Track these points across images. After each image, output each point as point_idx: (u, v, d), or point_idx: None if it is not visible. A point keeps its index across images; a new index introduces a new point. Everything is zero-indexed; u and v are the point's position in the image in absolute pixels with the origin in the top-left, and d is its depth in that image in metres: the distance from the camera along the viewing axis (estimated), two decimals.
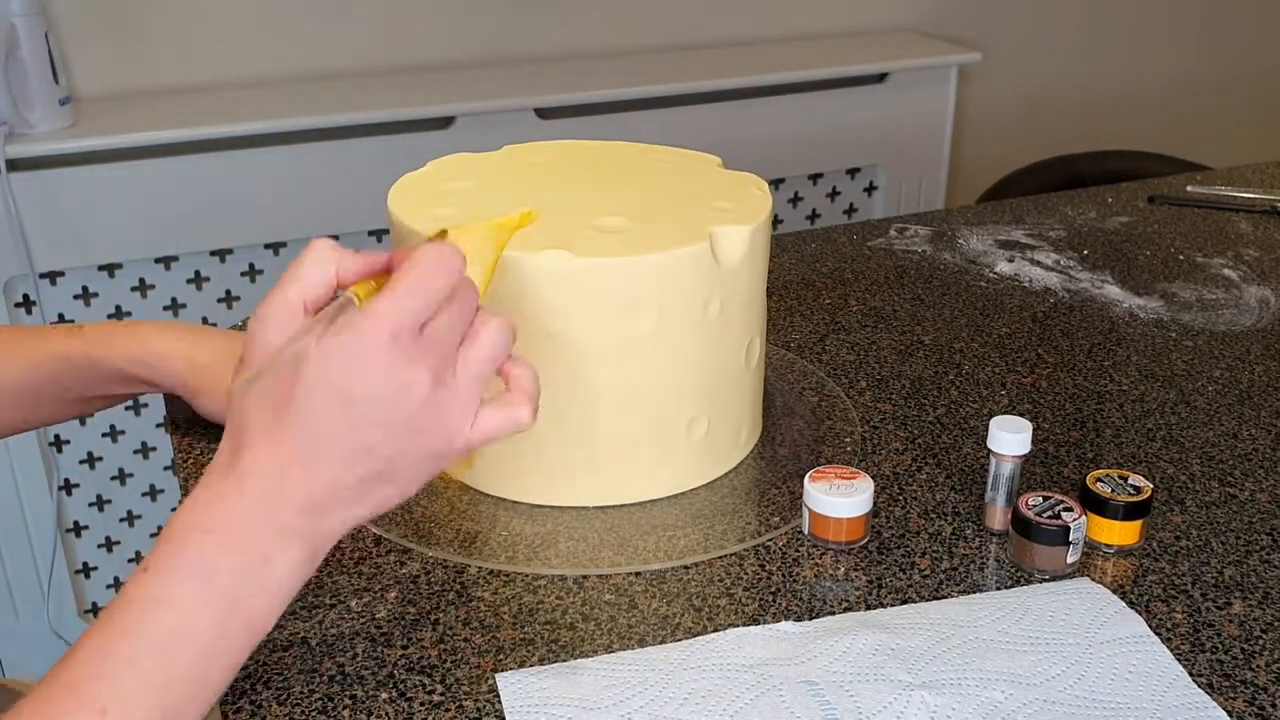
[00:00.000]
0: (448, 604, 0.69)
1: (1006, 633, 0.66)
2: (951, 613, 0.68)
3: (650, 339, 0.74)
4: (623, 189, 0.83)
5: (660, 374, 0.76)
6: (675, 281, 0.74)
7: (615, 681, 0.62)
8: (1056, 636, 0.65)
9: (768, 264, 0.82)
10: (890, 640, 0.64)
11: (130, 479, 1.78)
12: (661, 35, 2.09)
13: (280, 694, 0.62)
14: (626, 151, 0.91)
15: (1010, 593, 0.70)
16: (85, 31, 1.71)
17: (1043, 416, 0.90)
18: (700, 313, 0.75)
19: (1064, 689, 0.62)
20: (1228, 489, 0.82)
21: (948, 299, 1.12)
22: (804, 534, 0.75)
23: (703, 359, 0.77)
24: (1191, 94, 2.63)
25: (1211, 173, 1.52)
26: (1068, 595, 0.69)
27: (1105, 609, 0.68)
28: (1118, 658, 0.64)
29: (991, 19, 2.35)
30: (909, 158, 2.13)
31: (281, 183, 1.69)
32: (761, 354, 0.84)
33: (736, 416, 0.82)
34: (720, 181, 0.85)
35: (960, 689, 0.61)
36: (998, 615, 0.67)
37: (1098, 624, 0.66)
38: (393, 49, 1.90)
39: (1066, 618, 0.67)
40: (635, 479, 0.79)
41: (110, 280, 1.66)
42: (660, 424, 0.77)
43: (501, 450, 0.77)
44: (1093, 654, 0.64)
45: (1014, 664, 0.63)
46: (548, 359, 0.72)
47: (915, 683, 0.61)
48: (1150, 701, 0.61)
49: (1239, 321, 1.08)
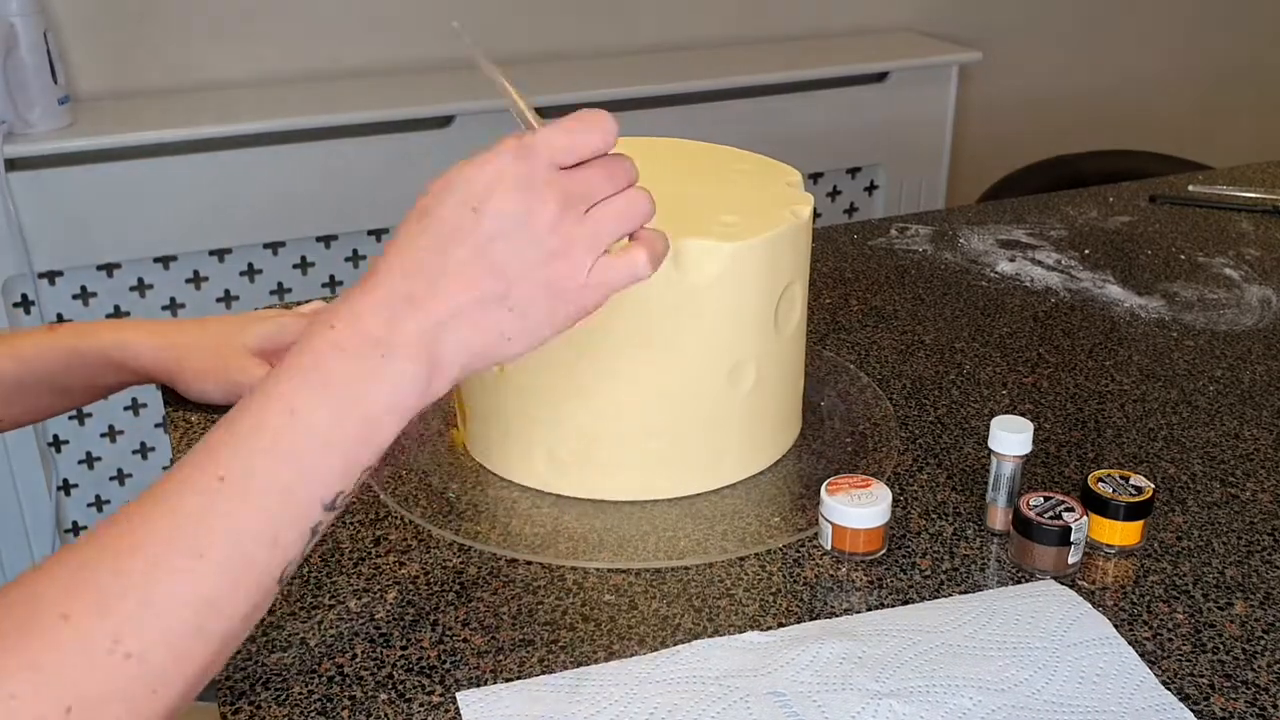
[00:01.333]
0: (447, 604, 0.69)
1: (973, 637, 0.65)
2: (918, 618, 0.67)
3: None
4: (676, 187, 0.83)
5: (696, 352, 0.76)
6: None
7: (578, 698, 0.61)
8: (1024, 640, 0.65)
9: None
10: (857, 648, 0.64)
11: (130, 479, 1.78)
12: (661, 35, 2.08)
13: (279, 694, 0.62)
14: (709, 152, 0.91)
15: (976, 596, 0.69)
16: (84, 31, 1.71)
17: (1044, 416, 0.90)
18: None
19: (1032, 693, 0.61)
20: (1229, 489, 0.81)
21: (948, 299, 1.12)
22: (827, 549, 0.75)
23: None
24: (1193, 93, 2.63)
25: (1213, 172, 1.52)
26: (1034, 598, 0.69)
27: (1072, 611, 0.67)
28: (1085, 661, 0.64)
29: (992, 18, 2.35)
30: (909, 157, 2.13)
31: (281, 182, 1.69)
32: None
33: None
34: (754, 188, 0.84)
35: (928, 696, 0.61)
36: (964, 620, 0.67)
37: (1064, 627, 0.66)
38: (393, 49, 1.90)
39: (1033, 621, 0.67)
40: (675, 472, 0.79)
41: (109, 280, 1.66)
42: (674, 432, 0.77)
43: (529, 434, 0.78)
44: (1060, 657, 0.64)
45: (981, 669, 0.63)
46: (578, 346, 0.73)
47: (883, 691, 0.61)
48: (1119, 705, 0.61)
49: (1240, 321, 1.08)
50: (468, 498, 0.79)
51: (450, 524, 0.76)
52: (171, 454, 0.87)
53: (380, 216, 1.76)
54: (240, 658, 0.64)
